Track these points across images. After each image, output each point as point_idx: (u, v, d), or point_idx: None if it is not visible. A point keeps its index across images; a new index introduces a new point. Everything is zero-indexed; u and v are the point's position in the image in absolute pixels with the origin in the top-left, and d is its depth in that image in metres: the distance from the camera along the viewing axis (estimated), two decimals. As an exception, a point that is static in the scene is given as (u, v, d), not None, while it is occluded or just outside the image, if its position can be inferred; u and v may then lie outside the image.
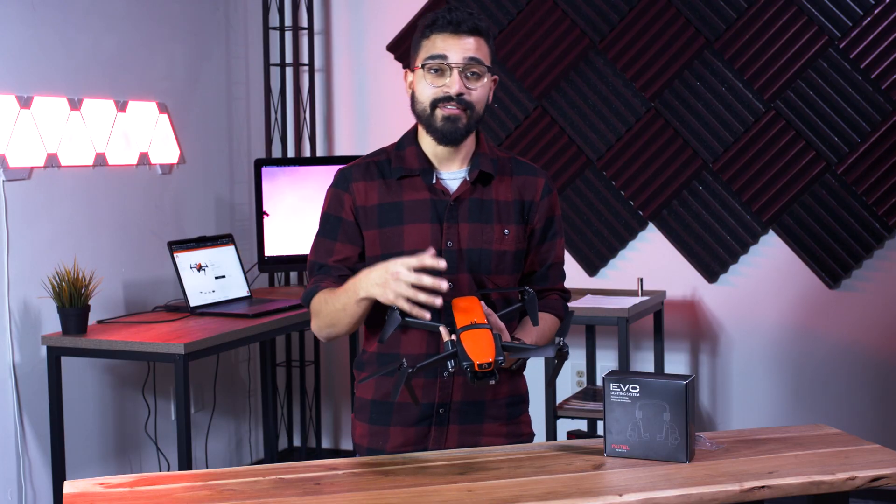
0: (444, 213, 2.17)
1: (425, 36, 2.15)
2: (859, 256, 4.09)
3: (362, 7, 4.69)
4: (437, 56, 2.12)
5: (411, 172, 2.19)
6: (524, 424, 2.29)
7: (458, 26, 2.12)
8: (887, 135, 4.02)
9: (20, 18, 3.48)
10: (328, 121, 4.79)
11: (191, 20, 4.30)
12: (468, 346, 1.93)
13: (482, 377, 1.92)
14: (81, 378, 3.72)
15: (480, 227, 2.18)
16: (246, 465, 3.69)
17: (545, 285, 2.30)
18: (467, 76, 2.13)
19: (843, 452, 2.08)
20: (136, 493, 1.91)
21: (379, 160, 2.23)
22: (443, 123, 2.14)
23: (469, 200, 2.19)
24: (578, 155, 4.38)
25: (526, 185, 2.24)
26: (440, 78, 2.14)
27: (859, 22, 4.03)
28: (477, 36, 2.14)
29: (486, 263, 2.18)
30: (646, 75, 4.28)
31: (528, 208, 2.23)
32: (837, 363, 4.16)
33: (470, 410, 2.20)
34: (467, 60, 2.12)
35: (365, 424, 2.26)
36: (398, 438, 2.21)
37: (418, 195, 2.18)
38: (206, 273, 3.88)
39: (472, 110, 2.15)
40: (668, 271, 4.31)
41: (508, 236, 2.20)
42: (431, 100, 2.14)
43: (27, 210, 3.50)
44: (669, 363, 4.34)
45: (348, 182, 2.21)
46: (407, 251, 2.13)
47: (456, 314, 2.01)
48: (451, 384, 2.18)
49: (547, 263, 2.28)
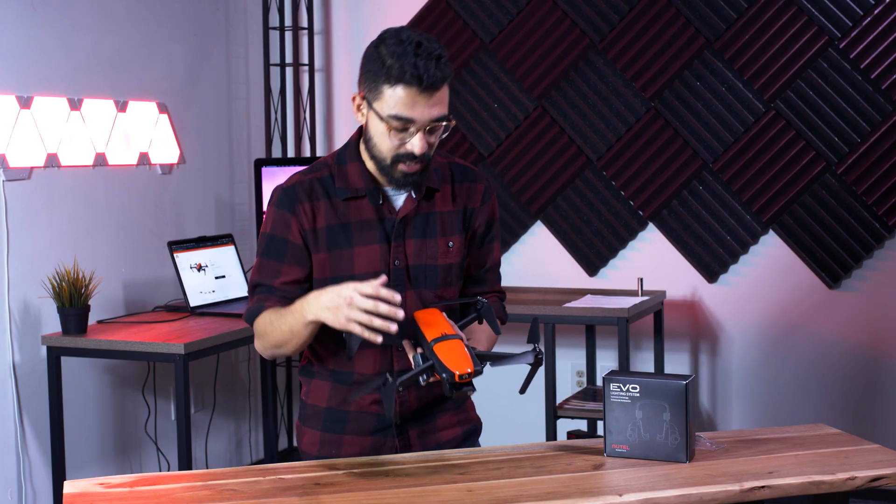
0: (391, 232, 2.13)
1: (389, 84, 2.00)
2: (859, 256, 4.09)
3: (362, 7, 4.69)
4: (402, 117, 2.01)
5: (357, 193, 2.12)
6: (471, 409, 2.30)
7: (425, 83, 1.99)
8: (887, 135, 4.02)
9: (20, 18, 3.48)
10: (328, 121, 4.79)
11: (191, 20, 4.30)
12: (445, 357, 1.92)
13: (461, 388, 1.91)
14: (81, 378, 3.72)
15: (424, 242, 2.15)
16: (246, 465, 3.69)
17: (483, 288, 2.28)
18: (430, 130, 2.05)
19: (843, 452, 2.08)
20: (136, 493, 1.91)
21: (321, 177, 2.14)
22: (400, 177, 2.08)
23: (414, 217, 2.15)
24: (578, 155, 4.38)
25: (468, 193, 2.21)
26: (402, 134, 2.04)
27: (859, 22, 4.03)
28: (442, 87, 2.03)
29: (432, 279, 2.15)
30: (646, 75, 4.28)
31: (469, 215, 2.21)
32: (837, 363, 4.16)
33: (423, 411, 2.20)
34: (433, 122, 2.03)
35: (316, 432, 2.21)
36: (353, 448, 2.18)
37: (365, 216, 2.13)
38: (206, 273, 3.88)
39: (429, 160, 2.09)
40: (668, 271, 4.31)
41: (453, 248, 2.17)
42: (393, 155, 2.06)
43: (27, 210, 3.50)
44: (669, 363, 4.34)
45: (294, 203, 2.12)
46: (357, 274, 2.10)
47: (423, 328, 1.99)
48: (408, 397, 2.17)
49: (485, 267, 2.27)
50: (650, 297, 4.02)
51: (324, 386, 2.20)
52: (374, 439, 2.18)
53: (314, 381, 2.22)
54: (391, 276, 2.12)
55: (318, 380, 2.21)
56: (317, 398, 2.21)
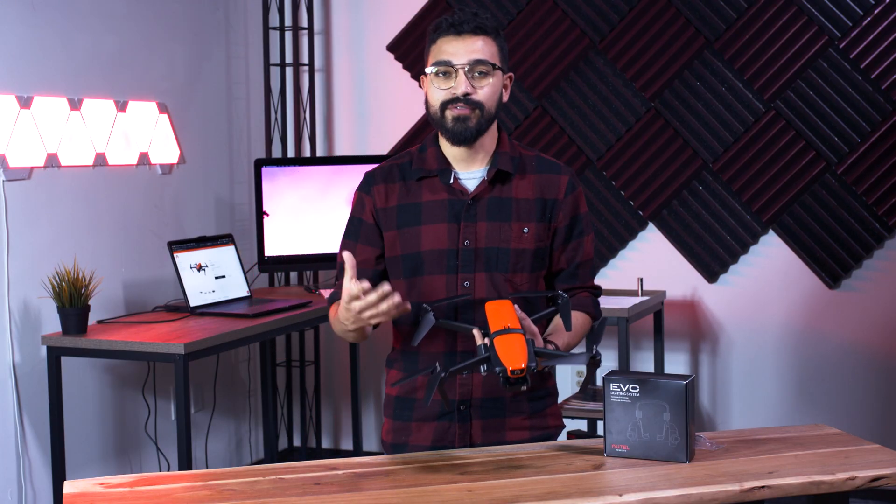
0: (461, 212, 2.20)
1: (432, 41, 2.20)
2: (859, 256, 4.09)
3: (362, 7, 4.69)
4: (441, 61, 2.16)
5: (430, 173, 2.22)
6: (551, 417, 2.29)
7: (461, 27, 2.16)
8: (887, 135, 4.02)
9: (20, 18, 3.48)
10: (328, 121, 4.79)
11: (191, 20, 4.30)
12: (501, 351, 1.94)
13: (514, 383, 1.93)
14: (81, 378, 3.72)
15: (499, 225, 2.20)
16: (246, 465, 3.69)
17: (574, 283, 2.30)
18: (474, 76, 2.16)
19: (843, 452, 2.08)
20: (136, 493, 1.91)
21: (402, 162, 2.27)
22: (453, 124, 2.17)
23: (487, 199, 2.21)
24: (578, 155, 4.39)
25: (549, 183, 2.25)
26: (447, 81, 2.17)
27: (859, 22, 4.03)
28: (481, 35, 2.17)
29: (503, 262, 2.19)
30: (646, 75, 4.28)
31: (550, 206, 2.24)
32: (837, 363, 4.16)
33: (492, 406, 2.21)
34: (472, 61, 2.15)
35: (389, 420, 2.29)
36: (420, 434, 2.22)
37: (436, 195, 2.21)
38: (206, 273, 3.88)
39: (482, 109, 2.17)
40: (668, 271, 4.31)
41: (528, 234, 2.21)
42: (441, 102, 2.18)
43: (27, 210, 3.50)
44: (669, 363, 4.34)
45: (370, 185, 2.27)
46: (424, 251, 2.19)
47: (489, 318, 2.02)
48: (470, 381, 2.20)
49: (575, 262, 2.28)
50: (650, 297, 4.02)
51: (396, 375, 2.28)
52: (438, 425, 2.21)
53: (391, 371, 2.30)
54: (459, 256, 2.18)
55: (394, 369, 2.29)
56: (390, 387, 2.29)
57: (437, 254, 2.19)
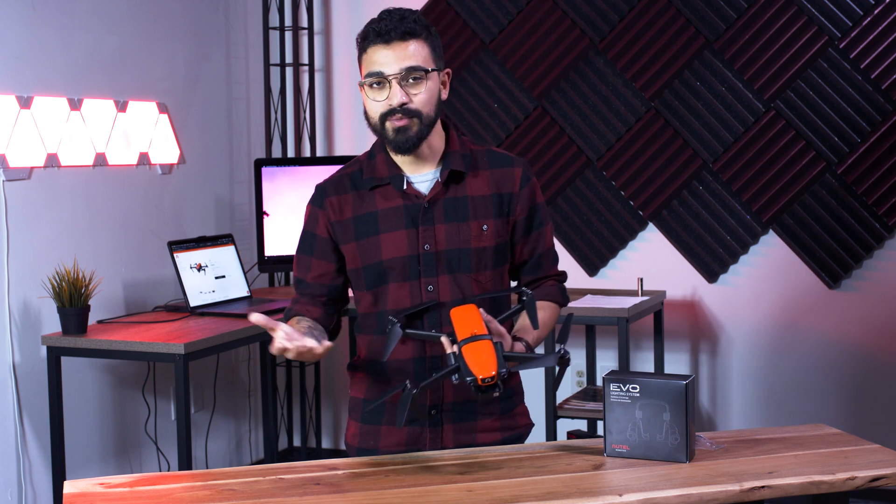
0: (418, 216, 2.16)
1: (363, 50, 2.13)
2: (859, 256, 4.09)
3: (362, 7, 4.69)
4: (373, 73, 2.11)
5: (381, 181, 2.18)
6: (520, 416, 2.29)
7: (388, 36, 2.09)
8: (887, 135, 4.02)
9: (20, 19, 3.48)
10: (328, 121, 4.79)
11: (191, 20, 4.30)
12: (470, 359, 1.92)
13: (486, 390, 1.92)
14: (81, 378, 3.72)
15: (457, 226, 2.17)
16: (246, 465, 3.69)
17: (538, 274, 2.29)
18: (408, 82, 2.11)
19: (843, 452, 2.08)
20: (136, 493, 1.91)
21: (352, 171, 2.24)
22: (394, 135, 2.13)
23: (443, 201, 2.18)
24: (578, 155, 4.39)
25: (503, 177, 2.22)
26: (382, 91, 2.11)
27: (859, 22, 4.03)
28: (411, 39, 2.10)
29: (465, 262, 2.17)
30: (646, 75, 4.28)
31: (507, 201, 2.21)
32: (837, 363, 4.16)
33: (462, 409, 2.20)
34: (403, 70, 2.09)
35: (357, 423, 2.26)
36: (390, 438, 2.20)
37: (391, 202, 2.17)
38: (206, 273, 3.88)
39: (420, 117, 2.12)
40: (668, 271, 4.31)
41: (487, 232, 2.18)
42: (379, 115, 2.13)
43: (27, 210, 3.50)
44: (669, 363, 4.34)
45: (322, 198, 2.23)
46: (385, 260, 2.16)
47: (455, 325, 2.00)
48: (441, 386, 2.18)
49: (537, 252, 2.27)
50: (650, 297, 4.02)
51: (363, 378, 2.26)
52: (410, 430, 2.20)
53: (357, 374, 2.28)
54: (421, 261, 2.15)
55: (359, 372, 2.26)
56: (357, 390, 2.27)
57: (399, 261, 2.15)
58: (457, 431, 2.20)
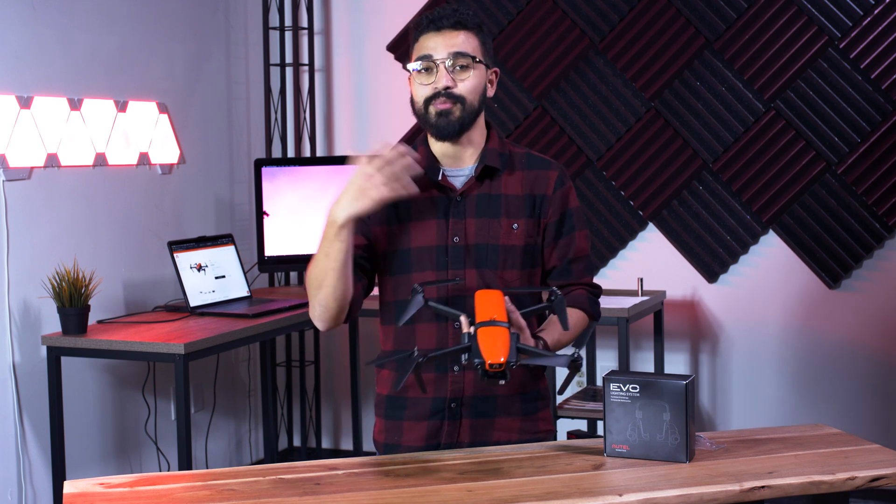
0: (450, 208, 2.19)
1: (414, 39, 2.21)
2: (859, 256, 4.09)
3: (362, 7, 4.69)
4: (422, 56, 2.17)
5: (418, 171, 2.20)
6: (542, 421, 2.27)
7: (441, 23, 2.16)
8: (887, 135, 4.02)
9: (20, 19, 3.48)
10: (328, 121, 4.79)
11: (191, 20, 4.30)
12: (483, 343, 1.91)
13: (492, 376, 1.91)
14: (81, 378, 3.72)
15: (487, 221, 2.19)
16: (246, 465, 3.69)
17: (568, 280, 2.27)
18: (455, 69, 2.15)
19: (843, 452, 2.08)
20: (136, 493, 1.91)
21: None
22: (436, 119, 2.16)
23: (476, 195, 2.20)
24: (578, 155, 4.39)
25: (537, 180, 2.24)
26: (429, 76, 2.17)
27: (859, 22, 4.03)
28: (461, 30, 2.17)
29: (492, 258, 2.18)
30: (646, 75, 4.28)
31: (539, 203, 2.23)
32: (837, 363, 4.16)
33: (482, 405, 2.20)
34: (451, 55, 2.15)
35: (381, 420, 2.28)
36: (412, 433, 2.21)
37: (424, 192, 2.19)
38: (206, 273, 3.88)
39: (464, 103, 2.16)
40: (668, 271, 4.31)
41: (517, 231, 2.20)
42: (424, 98, 2.18)
43: (27, 210, 3.50)
44: (669, 363, 4.34)
45: None
46: (413, 248, 2.18)
47: (477, 307, 1.99)
48: (462, 379, 2.18)
49: (567, 258, 2.26)
50: (650, 297, 4.02)
51: (387, 374, 2.26)
52: (431, 424, 2.20)
53: (382, 371, 2.28)
54: (449, 253, 2.17)
55: (385, 370, 2.27)
56: (382, 387, 2.28)
57: (426, 250, 2.18)
58: (474, 427, 2.20)
